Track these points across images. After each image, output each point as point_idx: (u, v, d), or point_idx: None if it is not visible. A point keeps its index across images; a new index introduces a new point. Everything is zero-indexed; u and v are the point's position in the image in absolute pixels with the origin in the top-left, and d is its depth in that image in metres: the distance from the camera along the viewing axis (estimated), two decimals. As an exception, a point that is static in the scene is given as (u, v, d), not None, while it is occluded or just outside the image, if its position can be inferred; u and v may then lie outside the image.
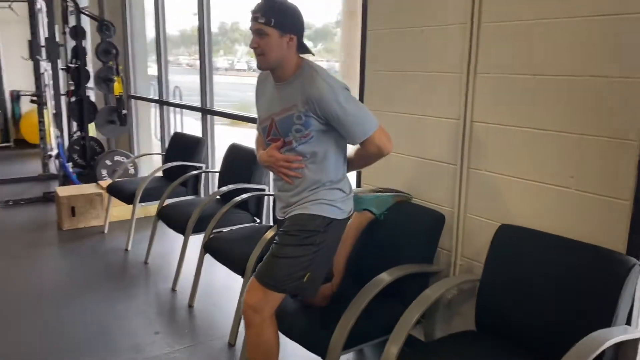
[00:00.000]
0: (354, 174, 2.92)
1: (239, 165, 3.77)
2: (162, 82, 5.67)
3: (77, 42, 5.74)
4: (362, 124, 1.96)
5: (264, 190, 3.64)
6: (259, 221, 3.62)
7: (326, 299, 2.24)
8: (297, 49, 1.99)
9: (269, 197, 3.64)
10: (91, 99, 6.06)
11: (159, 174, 4.52)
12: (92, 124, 5.96)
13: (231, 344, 2.80)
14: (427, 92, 2.51)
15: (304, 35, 2.02)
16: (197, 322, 3.09)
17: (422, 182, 2.57)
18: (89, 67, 5.89)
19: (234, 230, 3.35)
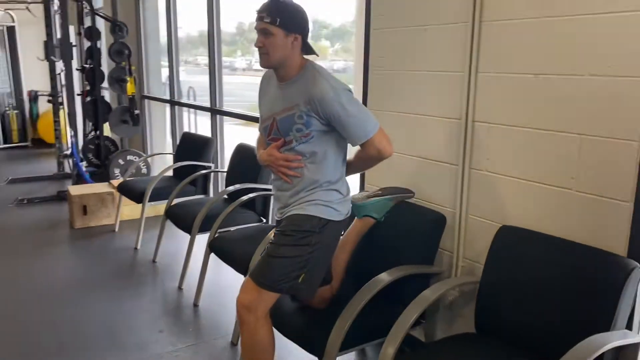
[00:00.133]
0: (357, 175, 2.91)
1: (246, 165, 3.77)
2: (173, 82, 5.71)
3: (91, 43, 5.81)
4: (363, 126, 1.96)
5: (270, 190, 3.64)
6: (265, 221, 3.62)
7: (326, 302, 2.23)
8: (301, 50, 2.00)
9: (275, 197, 3.64)
10: (106, 99, 6.13)
11: (169, 174, 4.55)
12: (106, 123, 6.04)
13: (234, 343, 2.80)
14: (429, 91, 2.49)
15: (308, 35, 2.02)
16: (201, 321, 3.10)
17: (424, 182, 2.55)
18: (103, 68, 5.97)
19: (239, 229, 3.36)
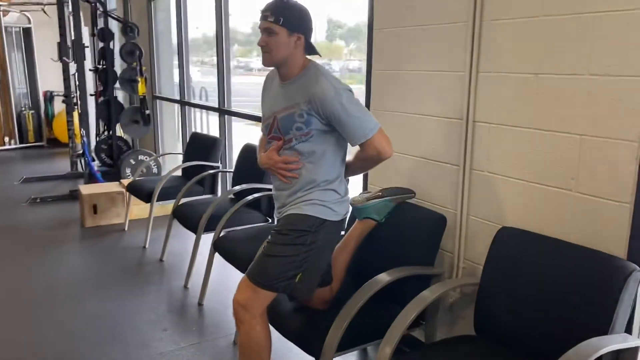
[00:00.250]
0: (360, 177, 2.90)
1: (252, 165, 3.75)
2: (183, 82, 5.75)
3: (104, 44, 5.88)
4: (362, 126, 1.96)
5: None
6: (270, 221, 3.63)
7: (326, 303, 2.23)
8: (304, 49, 2.01)
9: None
10: (118, 100, 6.20)
11: (178, 173, 4.58)
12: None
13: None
14: (430, 91, 2.47)
15: (312, 36, 2.03)
16: (205, 320, 3.12)
17: (424, 182, 2.54)
18: (116, 69, 6.03)
19: (244, 229, 3.36)
